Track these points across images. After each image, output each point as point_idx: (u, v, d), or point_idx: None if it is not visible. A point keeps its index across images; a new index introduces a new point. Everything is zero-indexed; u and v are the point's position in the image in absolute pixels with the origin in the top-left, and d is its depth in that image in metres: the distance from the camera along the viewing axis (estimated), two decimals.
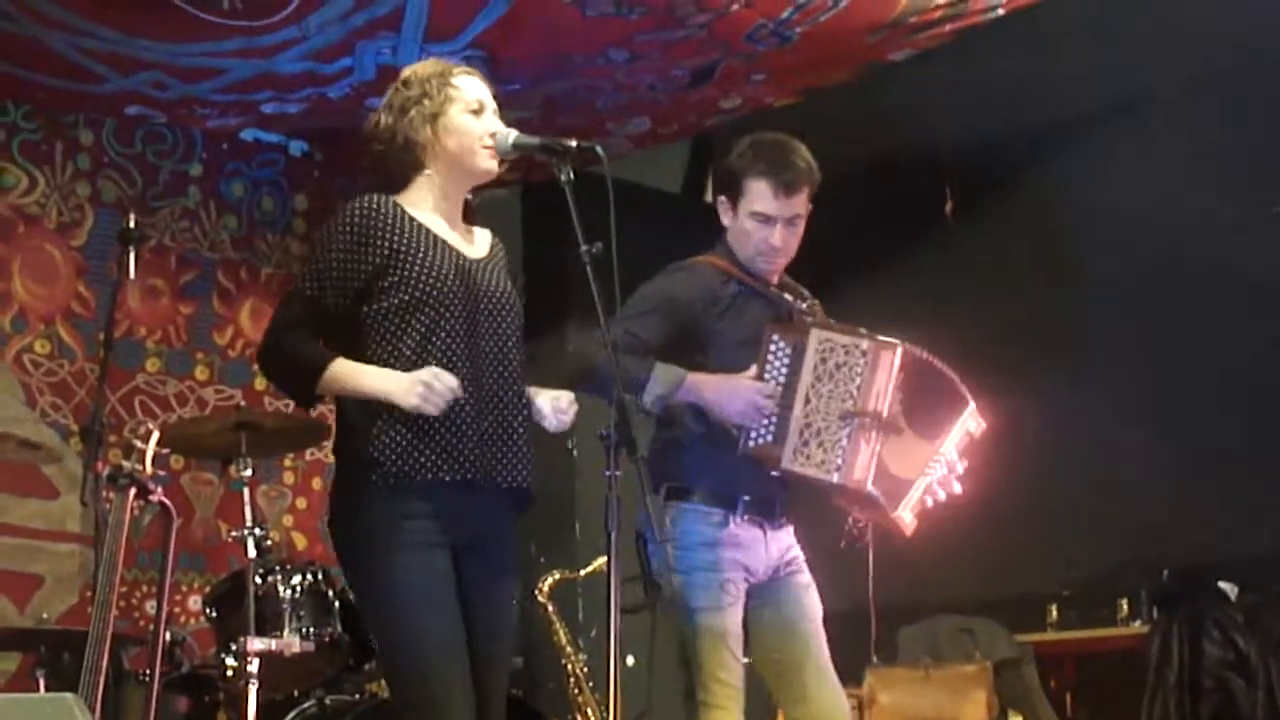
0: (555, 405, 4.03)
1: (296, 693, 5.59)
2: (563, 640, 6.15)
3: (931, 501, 4.60)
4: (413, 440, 3.77)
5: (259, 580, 5.40)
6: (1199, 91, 6.80)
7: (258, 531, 5.51)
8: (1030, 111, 7.39)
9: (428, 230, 3.91)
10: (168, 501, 4.81)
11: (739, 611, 4.55)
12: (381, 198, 3.90)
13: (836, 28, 6.33)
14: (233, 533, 5.63)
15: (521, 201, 8.14)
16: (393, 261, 3.82)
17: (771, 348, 4.52)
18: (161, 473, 4.78)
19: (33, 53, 6.23)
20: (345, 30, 6.11)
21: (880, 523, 4.66)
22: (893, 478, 4.51)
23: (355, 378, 3.81)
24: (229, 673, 5.30)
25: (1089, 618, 7.04)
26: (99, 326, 6.66)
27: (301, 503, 7.52)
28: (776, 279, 4.74)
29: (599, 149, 3.86)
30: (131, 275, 5.35)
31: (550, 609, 6.15)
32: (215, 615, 5.64)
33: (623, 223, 3.74)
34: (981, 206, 7.60)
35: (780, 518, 4.63)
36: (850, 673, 5.63)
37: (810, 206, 4.67)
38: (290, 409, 7.24)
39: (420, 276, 3.82)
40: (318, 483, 7.53)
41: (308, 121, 7.16)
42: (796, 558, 4.68)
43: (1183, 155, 6.77)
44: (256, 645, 5.20)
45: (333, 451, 4.02)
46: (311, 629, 5.41)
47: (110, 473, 4.66)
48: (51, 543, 6.70)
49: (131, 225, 5.36)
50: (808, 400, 4.48)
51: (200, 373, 7.32)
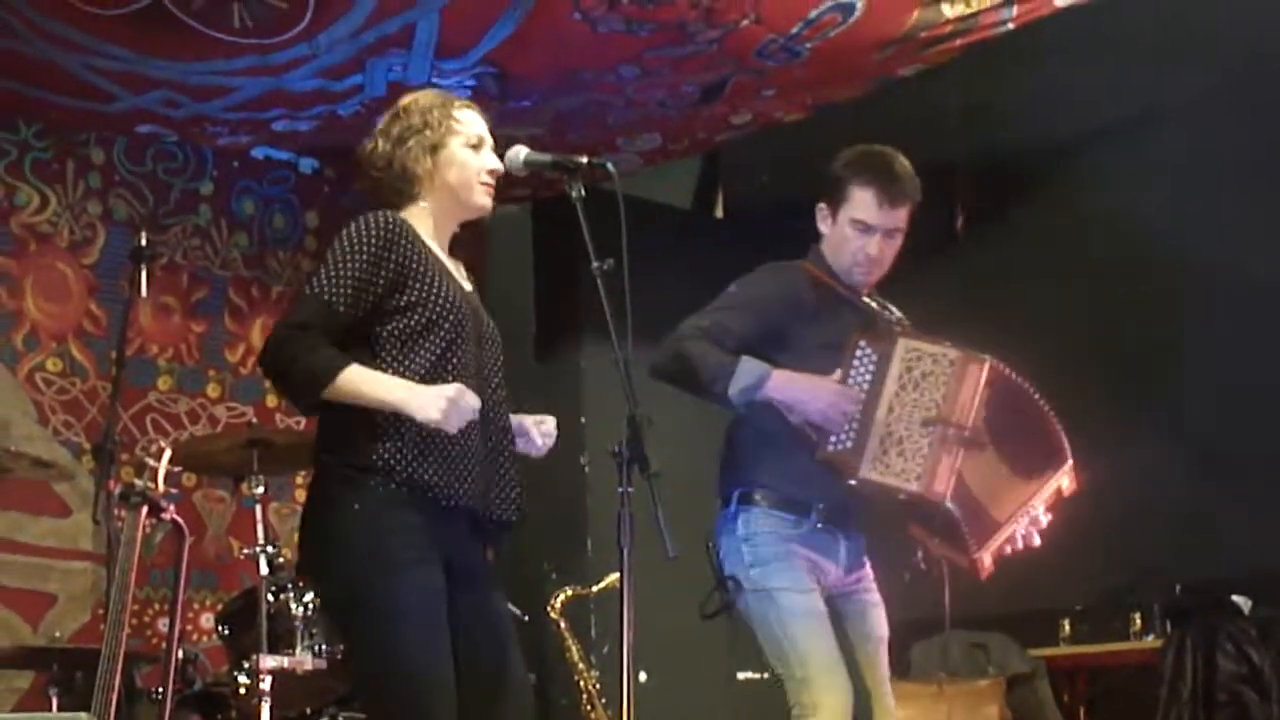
0: (541, 428, 3.99)
1: (309, 710, 5.60)
2: (575, 656, 6.14)
3: (1010, 549, 4.53)
4: (421, 451, 3.69)
5: (271, 598, 5.41)
6: (1210, 103, 6.80)
7: (270, 549, 5.52)
8: (1041, 126, 7.39)
9: (435, 254, 3.88)
10: (180, 519, 4.82)
11: (820, 597, 4.46)
12: (396, 214, 3.83)
13: (847, 43, 6.33)
14: (245, 550, 5.65)
15: (532, 218, 8.15)
16: (409, 280, 3.76)
17: (858, 353, 4.44)
18: (173, 490, 4.75)
19: (44, 72, 6.24)
20: (356, 48, 6.12)
21: (954, 559, 4.56)
22: (973, 499, 4.42)
23: (374, 386, 3.66)
24: (241, 690, 5.31)
25: (1102, 632, 7.02)
26: (111, 344, 6.66)
27: None
28: (867, 292, 4.68)
29: (610, 165, 3.87)
30: (143, 293, 5.36)
31: (563, 625, 6.15)
32: (228, 633, 5.64)
33: (634, 239, 3.73)
34: (992, 221, 7.60)
35: (854, 529, 4.57)
36: None
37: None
38: (302, 426, 7.34)
39: (436, 298, 3.77)
40: None
41: (318, 139, 7.17)
42: (868, 574, 4.62)
43: (1194, 168, 6.76)
44: (269, 663, 5.21)
45: (321, 453, 3.80)
46: (324, 646, 5.41)
47: (122, 491, 4.67)
48: (64, 561, 6.71)
49: (143, 243, 5.39)
50: (891, 409, 4.40)
51: (212, 390, 7.32)
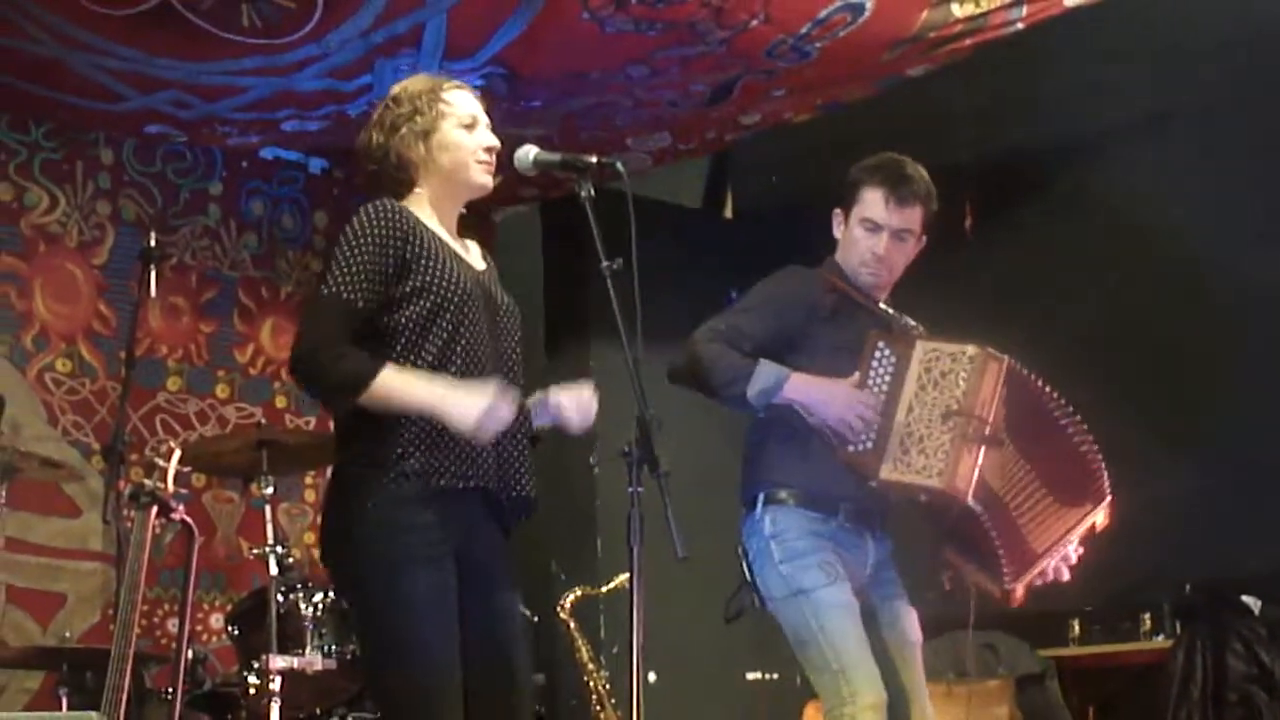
0: (579, 400, 3.95)
1: (319, 711, 5.61)
2: (585, 657, 6.14)
3: (1041, 582, 4.50)
4: (433, 443, 3.68)
5: (281, 598, 5.41)
6: (1220, 103, 6.79)
7: (279, 549, 5.53)
8: (1050, 127, 7.38)
9: (439, 237, 3.87)
10: (189, 520, 4.83)
11: (851, 591, 4.44)
12: (395, 202, 3.83)
13: (856, 43, 6.33)
14: (254, 550, 5.65)
15: (541, 218, 8.14)
16: (412, 265, 3.75)
17: (876, 354, 4.44)
18: (183, 491, 4.76)
19: (54, 72, 6.25)
20: (365, 48, 6.12)
21: (986, 587, 4.53)
22: (998, 499, 4.38)
23: (406, 391, 3.65)
24: (251, 691, 5.32)
25: (1112, 632, 7.01)
26: (120, 345, 6.65)
27: None
28: (883, 297, 4.68)
29: (619, 165, 3.85)
30: (152, 294, 5.39)
31: (572, 626, 6.15)
32: (237, 633, 5.65)
33: (643, 239, 3.73)
34: (1001, 222, 7.59)
35: (881, 530, 4.56)
36: None
37: (923, 233, 4.65)
38: (311, 426, 7.36)
39: (440, 281, 3.76)
40: None
41: (327, 139, 7.17)
42: (896, 577, 4.61)
43: (1205, 168, 6.75)
44: (279, 663, 5.21)
45: (336, 449, 3.82)
46: (334, 647, 5.42)
47: (132, 491, 4.68)
48: (73, 561, 6.71)
49: (152, 244, 5.41)
50: (910, 409, 4.37)
51: (221, 391, 7.32)
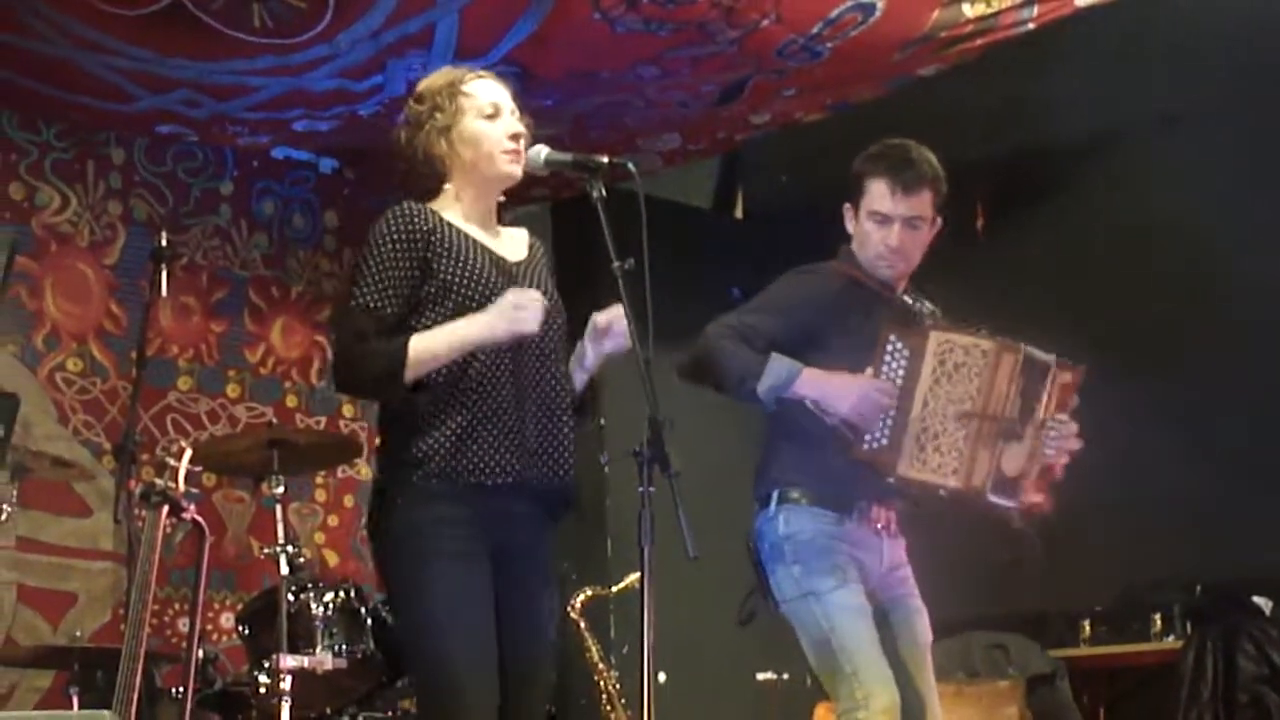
0: (610, 320, 3.90)
1: (329, 710, 5.61)
2: (595, 657, 6.15)
3: (1059, 470, 4.46)
4: (457, 441, 3.72)
5: (291, 598, 5.42)
6: (1230, 104, 6.78)
7: (290, 549, 5.53)
8: (1060, 126, 7.37)
9: (465, 234, 3.89)
10: (200, 519, 4.83)
11: (864, 594, 4.42)
12: (416, 204, 3.87)
13: (867, 43, 6.32)
14: (265, 550, 5.65)
15: (551, 217, 8.14)
16: (434, 265, 3.79)
17: (889, 348, 4.40)
18: (194, 490, 4.77)
19: (65, 72, 6.25)
20: (376, 47, 6.13)
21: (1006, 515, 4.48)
22: (1012, 483, 4.38)
23: (437, 342, 3.71)
24: (262, 690, 5.32)
25: (1122, 633, 7.00)
26: (131, 344, 6.65)
27: (333, 520, 7.51)
28: (901, 287, 4.64)
29: (631, 165, 3.86)
30: (163, 293, 5.40)
31: (582, 625, 6.16)
32: (248, 633, 5.66)
33: (653, 239, 3.72)
34: (1011, 221, 7.58)
35: (895, 528, 4.54)
36: None
37: (937, 216, 4.59)
38: (322, 425, 7.37)
39: (463, 280, 3.79)
40: (350, 500, 7.52)
41: (338, 139, 7.18)
42: (909, 578, 4.59)
43: (1213, 168, 6.74)
44: (289, 663, 5.22)
45: (377, 451, 3.94)
46: (344, 646, 5.42)
47: (143, 490, 4.69)
48: (84, 560, 6.71)
49: (163, 243, 5.42)
50: (925, 403, 4.35)
51: (232, 390, 7.32)
